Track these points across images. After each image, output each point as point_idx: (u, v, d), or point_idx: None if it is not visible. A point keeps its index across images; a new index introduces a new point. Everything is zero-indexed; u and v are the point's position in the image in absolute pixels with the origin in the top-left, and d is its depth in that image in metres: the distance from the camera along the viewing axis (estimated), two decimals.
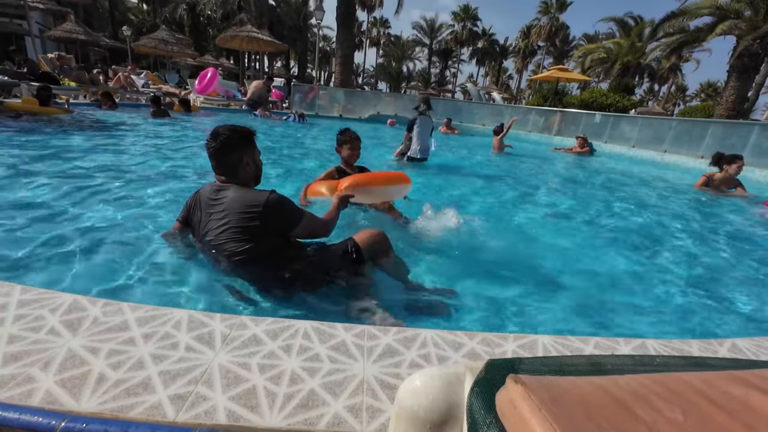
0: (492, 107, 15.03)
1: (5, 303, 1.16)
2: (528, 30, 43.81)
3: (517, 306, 1.88)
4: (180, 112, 8.72)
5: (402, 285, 1.88)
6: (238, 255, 1.58)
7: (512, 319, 1.77)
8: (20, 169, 3.24)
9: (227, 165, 1.67)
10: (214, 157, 1.67)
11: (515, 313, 1.81)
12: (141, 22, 33.77)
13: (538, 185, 5.09)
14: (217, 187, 1.67)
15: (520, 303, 1.90)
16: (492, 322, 1.72)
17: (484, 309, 1.82)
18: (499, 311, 1.82)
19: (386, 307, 1.62)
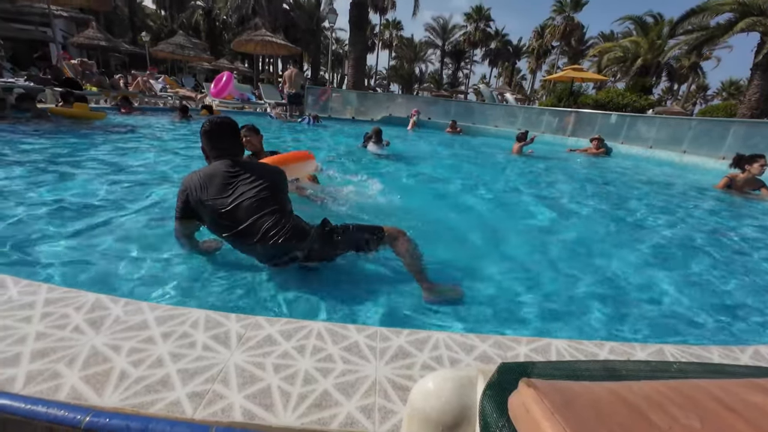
0: (505, 108, 14.90)
1: (32, 301, 1.20)
2: (542, 30, 43.31)
3: (530, 309, 1.86)
4: (206, 115, 8.94)
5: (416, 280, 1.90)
6: (281, 208, 1.86)
7: (525, 322, 1.75)
8: (53, 170, 3.36)
9: (238, 145, 2.02)
10: (228, 139, 1.97)
11: (528, 316, 1.80)
12: (159, 28, 34.60)
13: (553, 186, 5.03)
14: (231, 163, 1.89)
15: (533, 306, 1.89)
16: (504, 325, 1.71)
17: (497, 311, 1.81)
18: (512, 314, 1.80)
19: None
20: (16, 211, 2.44)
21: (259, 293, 1.75)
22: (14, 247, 1.98)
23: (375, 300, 1.79)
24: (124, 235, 2.23)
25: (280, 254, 1.83)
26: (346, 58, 28.07)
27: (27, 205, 2.55)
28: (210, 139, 1.96)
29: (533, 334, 1.62)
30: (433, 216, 3.36)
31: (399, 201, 3.62)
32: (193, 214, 1.87)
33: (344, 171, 4.56)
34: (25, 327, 1.08)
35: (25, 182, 3.03)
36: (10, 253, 1.90)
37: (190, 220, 1.90)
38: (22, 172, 3.28)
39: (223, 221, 1.80)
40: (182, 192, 1.85)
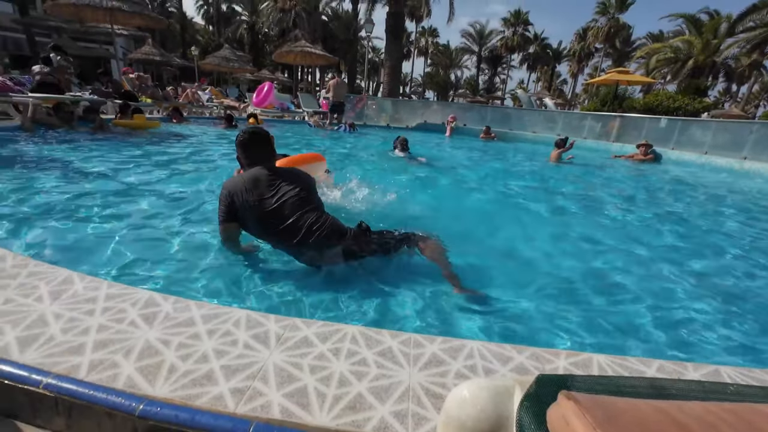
0: (544, 113, 14.46)
1: (95, 296, 1.31)
2: (584, 32, 41.80)
3: (570, 321, 1.79)
4: (252, 124, 9.41)
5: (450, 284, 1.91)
6: (318, 207, 2.06)
7: (564, 334, 1.69)
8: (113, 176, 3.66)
9: (271, 153, 2.15)
10: (261, 148, 2.11)
11: (567, 329, 1.73)
12: (207, 42, 36.72)
13: (595, 194, 4.81)
14: (268, 170, 2.03)
15: (573, 318, 1.81)
16: (542, 337, 1.66)
17: (534, 322, 1.75)
18: (550, 326, 1.74)
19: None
20: (82, 213, 2.67)
21: (296, 295, 1.80)
22: (79, 246, 2.16)
23: (407, 306, 1.79)
24: (172, 237, 2.38)
25: (320, 251, 1.93)
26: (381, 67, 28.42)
27: (91, 208, 2.78)
28: (245, 148, 2.10)
29: (573, 348, 1.55)
30: (460, 222, 3.32)
31: (422, 205, 3.62)
32: (237, 217, 1.95)
33: (370, 174, 4.61)
34: (88, 319, 1.19)
35: (88, 187, 3.31)
36: (76, 252, 2.08)
37: (234, 223, 2.00)
38: (87, 178, 3.58)
39: (269, 219, 1.91)
40: (226, 196, 1.94)
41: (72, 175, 3.67)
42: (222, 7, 37.38)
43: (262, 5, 35.82)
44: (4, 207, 2.65)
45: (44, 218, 2.51)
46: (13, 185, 3.13)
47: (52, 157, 4.31)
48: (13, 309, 1.20)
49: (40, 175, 3.50)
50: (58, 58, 7.99)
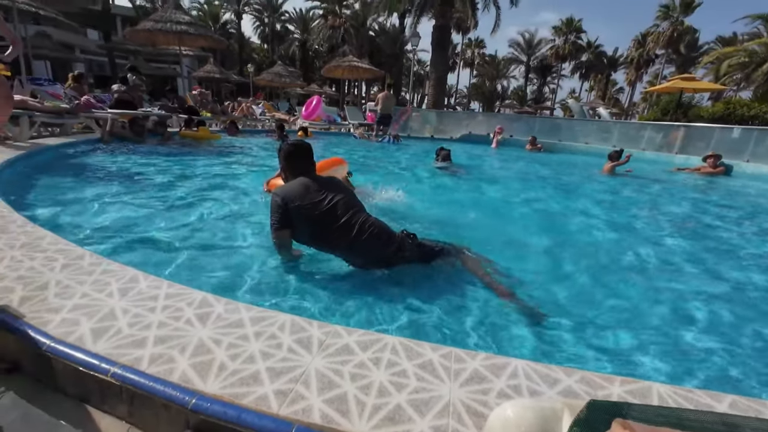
0: (597, 124, 13.75)
1: (156, 294, 1.42)
2: (643, 38, 39.45)
3: (627, 345, 1.66)
4: (302, 137, 9.86)
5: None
6: (364, 209, 2.20)
7: (619, 359, 1.57)
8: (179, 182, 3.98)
9: (312, 164, 2.28)
10: (306, 159, 2.25)
11: (623, 353, 1.61)
12: (262, 59, 39.03)
13: (656, 210, 4.47)
14: (312, 178, 2.17)
15: (630, 342, 1.69)
16: (593, 359, 1.55)
17: (585, 343, 1.65)
18: (603, 348, 1.63)
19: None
20: (148, 216, 2.91)
21: (338, 302, 1.83)
22: (145, 247, 2.36)
23: (447, 318, 1.76)
24: (226, 241, 2.52)
25: (371, 250, 2.01)
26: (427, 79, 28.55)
27: (156, 212, 3.03)
28: (291, 159, 2.23)
29: (630, 374, 1.44)
30: (503, 235, 3.21)
31: (461, 216, 3.57)
32: (290, 222, 2.05)
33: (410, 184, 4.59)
34: (150, 316, 1.28)
35: (155, 192, 3.61)
36: (142, 252, 2.28)
37: (288, 230, 2.08)
38: (154, 184, 3.91)
39: (323, 219, 2.01)
40: (279, 204, 2.03)
41: (141, 181, 4.02)
42: (276, 26, 39.66)
43: (313, 23, 37.59)
44: (84, 210, 2.96)
45: (116, 220, 2.77)
46: (92, 191, 3.49)
47: (126, 166, 4.77)
48: (89, 303, 1.33)
49: (115, 182, 3.88)
50: (134, 77, 8.87)
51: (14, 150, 4.15)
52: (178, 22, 10.96)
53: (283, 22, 39.99)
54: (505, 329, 1.71)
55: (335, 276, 2.11)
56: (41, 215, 2.73)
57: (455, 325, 1.72)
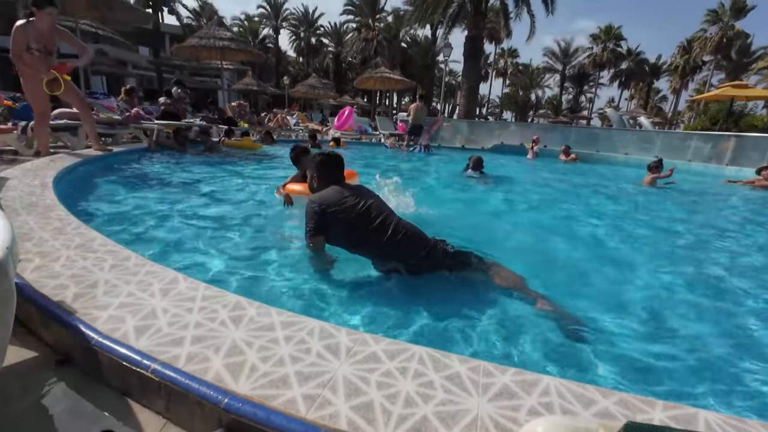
0: (638, 133, 13.16)
1: (194, 296, 1.49)
2: (689, 43, 37.60)
3: (672, 368, 1.56)
4: (333, 147, 10.10)
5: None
6: (393, 211, 2.26)
7: (663, 382, 1.48)
8: (221, 189, 4.17)
9: (343, 173, 2.38)
10: (341, 167, 2.37)
11: (666, 375, 1.51)
12: (297, 72, 40.40)
13: (705, 225, 4.20)
14: (344, 185, 2.26)
15: (675, 365, 1.58)
16: (632, 381, 1.47)
17: (623, 363, 1.56)
18: (644, 369, 1.54)
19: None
20: (190, 221, 3.06)
21: (366, 309, 1.85)
22: (186, 250, 2.48)
23: (476, 330, 1.73)
24: (259, 246, 2.61)
25: (404, 250, 2.07)
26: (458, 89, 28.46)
27: (198, 217, 3.18)
28: (325, 168, 2.34)
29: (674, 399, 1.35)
30: (537, 247, 3.11)
31: (488, 227, 3.49)
32: (326, 228, 2.12)
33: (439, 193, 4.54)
34: (188, 316, 1.35)
35: (197, 198, 3.79)
36: (183, 255, 2.39)
37: (323, 236, 2.15)
38: (197, 191, 4.11)
39: (359, 222, 2.07)
40: (316, 211, 2.10)
41: (184, 188, 4.25)
42: (312, 40, 41.02)
43: (346, 37, 38.56)
44: (131, 214, 3.15)
45: (159, 224, 2.94)
46: (139, 196, 3.72)
47: (170, 173, 5.05)
48: (133, 301, 1.41)
49: (159, 188, 4.11)
50: (178, 90, 9.42)
51: (72, 158, 4.50)
52: (221, 38, 11.57)
53: (318, 35, 41.32)
54: (536, 344, 1.65)
55: (363, 283, 2.12)
56: (93, 218, 2.94)
57: (483, 337, 1.69)
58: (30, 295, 1.40)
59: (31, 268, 1.61)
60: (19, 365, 1.28)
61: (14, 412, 1.10)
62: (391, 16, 36.20)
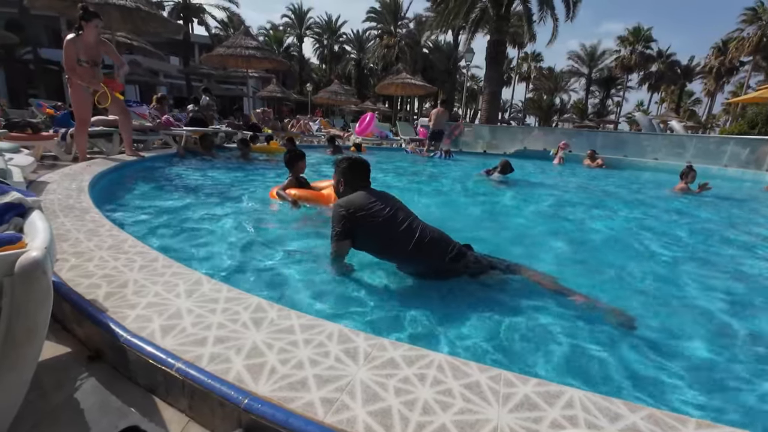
0: (669, 138, 12.68)
1: (216, 298, 1.52)
2: (724, 45, 36.03)
3: (708, 385, 1.48)
4: (354, 152, 10.20)
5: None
6: (417, 217, 2.26)
7: (696, 399, 1.40)
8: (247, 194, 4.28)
9: (369, 178, 2.39)
10: (368, 173, 2.38)
11: (702, 393, 1.43)
12: (320, 79, 41.09)
13: (749, 234, 3.99)
14: (370, 190, 2.29)
15: (715, 384, 1.50)
16: (661, 396, 1.40)
17: (654, 376, 1.50)
18: (678, 385, 1.47)
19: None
20: (216, 222, 3.15)
21: (385, 315, 1.84)
22: (210, 252, 2.55)
23: (497, 338, 1.69)
24: (280, 250, 2.65)
25: (431, 253, 2.06)
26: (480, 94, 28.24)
27: (223, 218, 3.27)
28: (352, 172, 2.34)
29: (710, 418, 1.28)
30: (566, 254, 3.02)
31: (516, 233, 3.39)
32: (352, 233, 2.12)
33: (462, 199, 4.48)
34: (211, 317, 1.38)
35: (222, 202, 3.90)
36: (205, 257, 2.46)
37: (348, 241, 2.15)
38: (222, 195, 4.23)
39: (387, 225, 2.08)
40: (343, 215, 2.10)
41: (210, 191, 4.37)
42: (334, 47, 41.68)
43: (368, 43, 38.99)
44: (160, 216, 3.27)
45: (185, 226, 3.03)
46: (167, 199, 3.85)
47: (197, 177, 5.21)
48: (160, 301, 1.46)
49: (187, 192, 4.25)
50: (207, 98, 9.75)
51: (107, 163, 4.72)
52: (247, 47, 11.91)
53: (340, 43, 41.95)
54: (561, 354, 1.61)
55: (382, 288, 2.12)
56: (125, 220, 3.06)
57: (505, 345, 1.65)
58: (65, 293, 1.47)
59: (67, 267, 1.70)
60: (54, 360, 1.34)
61: (50, 405, 1.15)
62: (412, 23, 36.38)
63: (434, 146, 10.95)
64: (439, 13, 20.83)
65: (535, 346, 1.67)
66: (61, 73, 20.82)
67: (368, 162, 2.42)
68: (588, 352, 1.64)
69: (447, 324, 1.78)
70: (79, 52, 4.40)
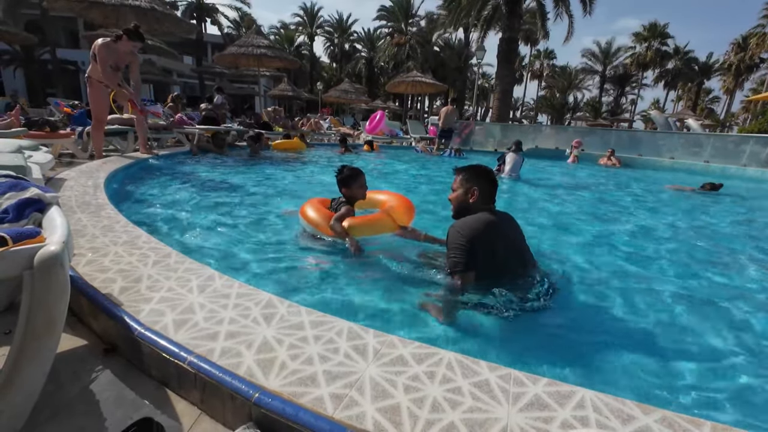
0: (685, 136, 12.40)
1: (228, 293, 1.54)
2: (744, 41, 35.05)
3: (722, 387, 1.45)
4: (368, 151, 10.21)
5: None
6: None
7: (712, 403, 1.37)
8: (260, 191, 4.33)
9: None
10: (496, 189, 2.06)
11: (716, 396, 1.40)
12: (330, 77, 41.19)
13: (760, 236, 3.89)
14: (494, 212, 2.02)
15: (726, 383, 1.47)
16: (675, 399, 1.37)
17: (667, 380, 1.47)
18: (692, 388, 1.44)
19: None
20: (227, 219, 3.19)
21: (393, 313, 1.84)
22: (222, 248, 2.58)
23: (507, 337, 1.68)
24: (289, 247, 2.67)
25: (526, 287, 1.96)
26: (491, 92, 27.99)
27: (233, 215, 3.31)
28: (491, 185, 2.03)
29: (722, 419, 1.25)
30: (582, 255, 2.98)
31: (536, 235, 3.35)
32: (478, 262, 1.85)
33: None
34: (222, 312, 1.40)
35: (233, 199, 3.94)
36: (217, 253, 2.49)
37: (473, 272, 1.87)
38: (234, 192, 4.28)
39: (505, 254, 1.93)
40: (468, 241, 1.83)
41: (222, 189, 4.43)
42: (345, 46, 41.72)
43: (379, 42, 38.93)
44: (173, 213, 3.32)
45: (198, 223, 3.07)
46: (181, 196, 3.91)
47: (209, 175, 5.28)
48: (173, 296, 1.49)
49: (199, 189, 4.31)
50: (221, 97, 9.86)
51: (122, 161, 4.81)
52: (258, 46, 12.02)
53: (351, 41, 41.96)
54: (573, 356, 1.59)
55: (391, 285, 2.12)
56: (139, 216, 3.12)
57: (514, 344, 1.64)
58: (82, 287, 1.51)
59: (83, 262, 1.74)
60: (71, 352, 1.38)
61: (67, 396, 1.18)
62: (423, 21, 36.21)
63: (444, 145, 10.91)
64: (450, 11, 20.72)
65: (545, 345, 1.65)
66: (78, 72, 21.32)
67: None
68: (600, 351, 1.62)
69: (457, 322, 1.77)
70: (109, 58, 4.63)
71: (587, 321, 1.93)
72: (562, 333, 1.75)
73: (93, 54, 4.56)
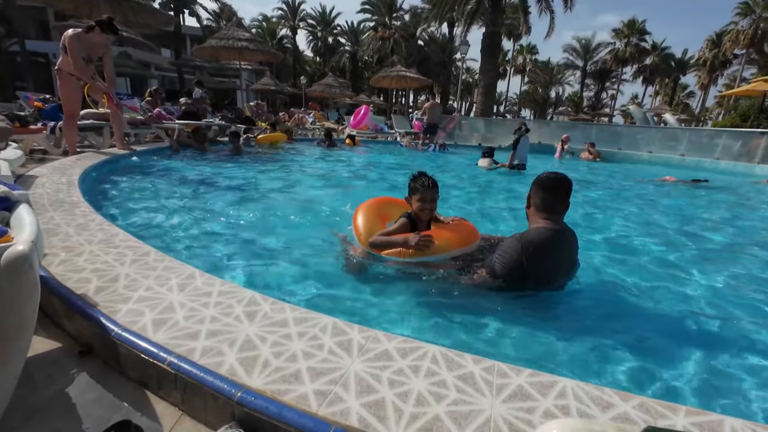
0: (663, 131, 12.72)
1: (210, 291, 1.51)
2: (718, 38, 36.11)
3: (695, 374, 1.50)
4: (350, 145, 10.16)
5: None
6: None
7: (683, 389, 1.42)
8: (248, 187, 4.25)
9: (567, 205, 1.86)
10: (568, 198, 1.85)
11: (689, 383, 1.45)
12: (314, 71, 40.70)
13: (740, 228, 4.03)
14: (555, 229, 1.82)
15: (698, 371, 1.52)
16: (652, 386, 1.42)
17: (644, 368, 1.51)
18: (666, 375, 1.48)
19: None
20: (207, 215, 3.12)
21: (379, 307, 1.84)
22: (203, 246, 2.53)
23: (491, 330, 1.70)
24: (275, 243, 2.64)
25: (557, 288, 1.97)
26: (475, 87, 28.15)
27: (214, 211, 3.24)
28: (554, 195, 1.84)
29: (697, 404, 1.30)
30: None
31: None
32: (514, 274, 1.82)
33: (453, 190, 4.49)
34: (204, 311, 1.37)
35: (215, 196, 3.86)
36: (198, 251, 2.44)
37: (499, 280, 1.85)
38: (215, 188, 4.19)
39: (548, 272, 1.87)
40: (519, 255, 1.78)
41: (204, 185, 4.33)
42: (329, 39, 41.24)
43: (363, 36, 38.62)
44: (152, 210, 3.23)
45: (178, 220, 3.00)
46: (160, 193, 3.81)
47: (190, 172, 5.16)
48: (152, 295, 1.45)
49: (179, 186, 4.20)
50: (201, 91, 9.62)
51: (97, 157, 4.65)
52: (239, 38, 11.74)
53: (334, 35, 41.49)
54: (554, 346, 1.62)
55: (376, 280, 2.12)
56: (116, 214, 3.03)
57: (498, 337, 1.66)
58: (55, 288, 1.45)
59: (56, 262, 1.67)
60: (44, 355, 1.33)
61: (42, 400, 1.14)
62: (407, 15, 36.06)
63: (429, 139, 10.92)
64: (434, 5, 20.67)
65: (529, 337, 1.68)
66: (49, 65, 20.46)
67: (570, 183, 1.86)
68: (581, 342, 1.65)
69: (442, 316, 1.78)
70: (81, 49, 4.46)
71: (575, 312, 1.96)
72: (549, 325, 1.78)
73: (63, 45, 4.37)
